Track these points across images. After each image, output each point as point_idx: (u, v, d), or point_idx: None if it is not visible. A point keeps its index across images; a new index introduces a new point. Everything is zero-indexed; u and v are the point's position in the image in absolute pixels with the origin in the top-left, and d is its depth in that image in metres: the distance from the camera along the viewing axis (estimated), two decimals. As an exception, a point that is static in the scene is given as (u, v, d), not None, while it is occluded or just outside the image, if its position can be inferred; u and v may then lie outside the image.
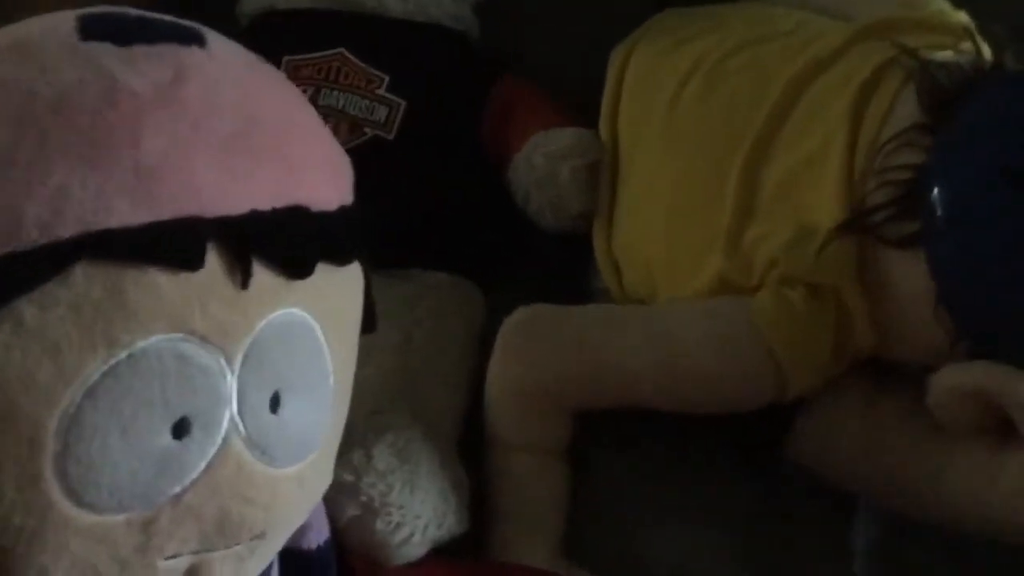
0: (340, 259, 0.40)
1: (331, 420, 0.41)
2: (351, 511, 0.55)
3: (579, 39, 0.79)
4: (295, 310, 0.37)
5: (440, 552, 0.59)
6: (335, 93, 0.72)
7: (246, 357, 0.36)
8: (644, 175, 0.69)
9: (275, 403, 0.37)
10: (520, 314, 0.64)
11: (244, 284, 0.35)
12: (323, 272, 0.38)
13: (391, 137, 0.72)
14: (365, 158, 0.68)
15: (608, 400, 0.63)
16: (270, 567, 0.45)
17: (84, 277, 0.32)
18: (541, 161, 0.71)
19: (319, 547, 0.50)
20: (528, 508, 0.63)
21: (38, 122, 0.33)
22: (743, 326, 0.59)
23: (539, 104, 0.75)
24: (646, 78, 0.71)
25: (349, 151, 0.45)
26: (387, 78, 0.73)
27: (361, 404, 0.60)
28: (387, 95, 0.72)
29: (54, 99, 0.33)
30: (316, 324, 0.38)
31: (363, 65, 0.73)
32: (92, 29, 0.36)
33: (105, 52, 0.35)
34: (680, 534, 0.63)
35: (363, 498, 0.55)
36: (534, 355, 0.63)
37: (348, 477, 0.55)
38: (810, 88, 0.64)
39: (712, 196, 0.63)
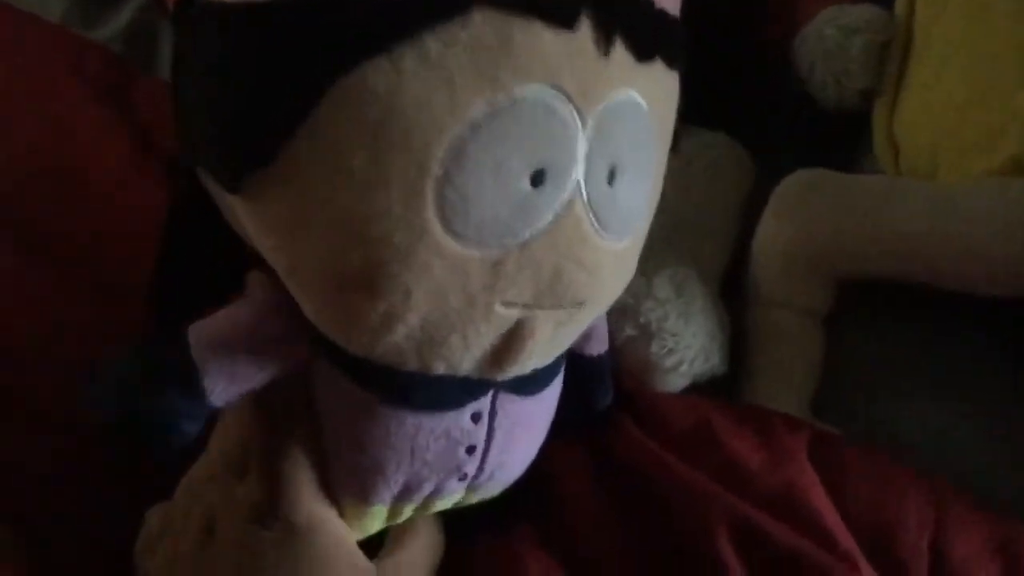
0: (671, 59, 0.43)
1: (648, 210, 0.45)
2: (629, 331, 0.58)
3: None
4: (636, 95, 0.41)
5: (698, 390, 0.63)
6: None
7: (596, 124, 0.39)
8: (941, 52, 0.68)
9: (611, 176, 0.40)
10: (800, 175, 0.65)
11: (606, 52, 0.38)
12: (658, 68, 0.42)
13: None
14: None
15: (878, 269, 0.63)
16: (559, 365, 0.49)
17: (481, 21, 0.36)
18: (832, 33, 0.70)
19: (600, 355, 0.54)
20: (783, 363, 0.65)
21: None
22: (1035, 208, 0.58)
23: (835, -23, 0.74)
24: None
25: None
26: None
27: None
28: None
29: None
30: (649, 113, 0.42)
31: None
32: None
33: None
34: (934, 409, 0.62)
35: (642, 320, 0.58)
36: (811, 216, 0.64)
37: (629, 300, 0.58)
38: None
39: (1013, 79, 0.62)
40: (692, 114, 0.71)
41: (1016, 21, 0.64)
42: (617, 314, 0.58)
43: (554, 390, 0.49)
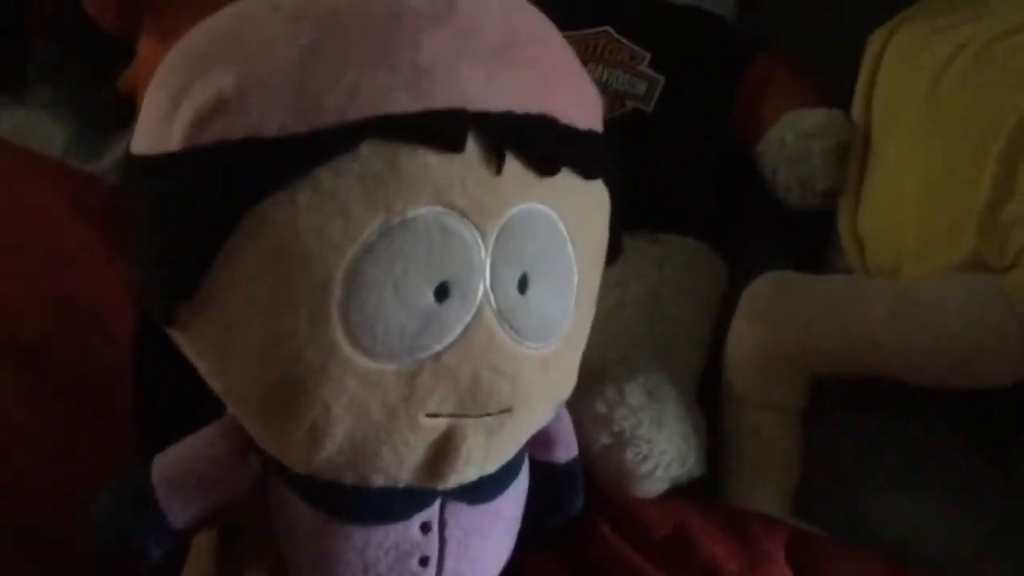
0: (583, 170, 0.45)
1: (575, 316, 0.46)
2: (603, 440, 0.59)
3: (835, 24, 0.81)
4: (541, 206, 0.43)
5: (676, 493, 0.64)
6: (599, 67, 0.77)
7: (498, 238, 0.41)
8: (898, 154, 0.70)
9: (523, 284, 0.43)
10: (768, 278, 0.67)
11: (498, 170, 0.41)
12: (568, 179, 0.44)
13: (650, 110, 0.76)
14: (625, 129, 0.74)
15: (850, 368, 0.65)
16: (519, 471, 0.50)
17: (369, 152, 0.39)
18: (792, 139, 0.73)
19: (567, 462, 0.55)
20: (761, 461, 0.66)
21: (339, 29, 0.40)
22: (994, 301, 0.60)
23: (793, 84, 0.77)
24: (905, 60, 0.72)
25: (611, 122, 0.50)
26: (649, 55, 0.77)
27: (613, 350, 0.65)
28: (648, 71, 0.77)
29: (350, 12, 0.41)
30: (560, 222, 0.44)
31: (627, 42, 0.78)
32: None
33: None
34: (911, 506, 0.63)
35: (615, 428, 0.59)
36: (779, 318, 0.66)
37: (602, 409, 0.60)
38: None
39: (971, 174, 0.64)
40: (662, 221, 0.75)
41: (970, 119, 0.67)
42: (590, 423, 0.60)
43: (512, 499, 0.50)
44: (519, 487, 0.50)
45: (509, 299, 0.42)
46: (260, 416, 0.43)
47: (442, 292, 0.41)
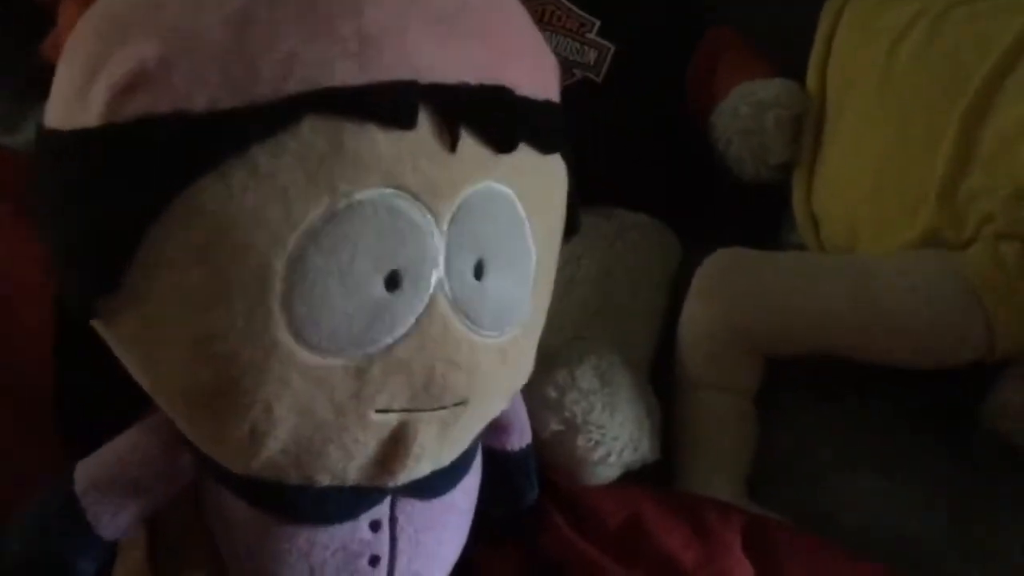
0: (541, 144, 0.42)
1: (533, 301, 0.44)
2: (554, 426, 0.57)
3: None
4: (498, 185, 0.40)
5: (630, 478, 0.62)
6: (547, 34, 0.73)
7: (452, 220, 0.38)
8: (853, 126, 0.69)
9: (479, 271, 0.40)
10: (719, 256, 0.65)
11: (452, 147, 0.38)
12: (526, 154, 0.41)
13: (599, 80, 0.74)
14: (574, 99, 0.71)
15: (803, 346, 0.63)
16: (473, 462, 0.48)
17: (310, 130, 0.36)
18: (746, 110, 0.71)
19: (521, 449, 0.53)
20: (715, 444, 0.64)
21: None
22: (952, 278, 0.59)
23: (746, 55, 0.76)
24: (860, 31, 0.70)
25: (560, 92, 0.47)
26: (598, 23, 0.75)
27: (563, 331, 0.63)
28: (597, 39, 0.74)
29: None
30: (518, 201, 0.41)
31: (576, 9, 0.75)
32: None
33: None
34: (869, 484, 0.62)
35: (566, 414, 0.57)
36: (732, 296, 0.64)
37: (553, 393, 0.58)
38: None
39: (928, 147, 0.62)
40: (613, 195, 0.72)
41: (927, 89, 0.65)
42: (541, 408, 0.57)
43: (465, 491, 0.48)
44: (472, 478, 0.48)
45: (465, 286, 0.39)
46: (193, 416, 0.40)
47: (392, 281, 0.37)
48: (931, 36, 0.66)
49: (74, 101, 0.37)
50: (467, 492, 0.48)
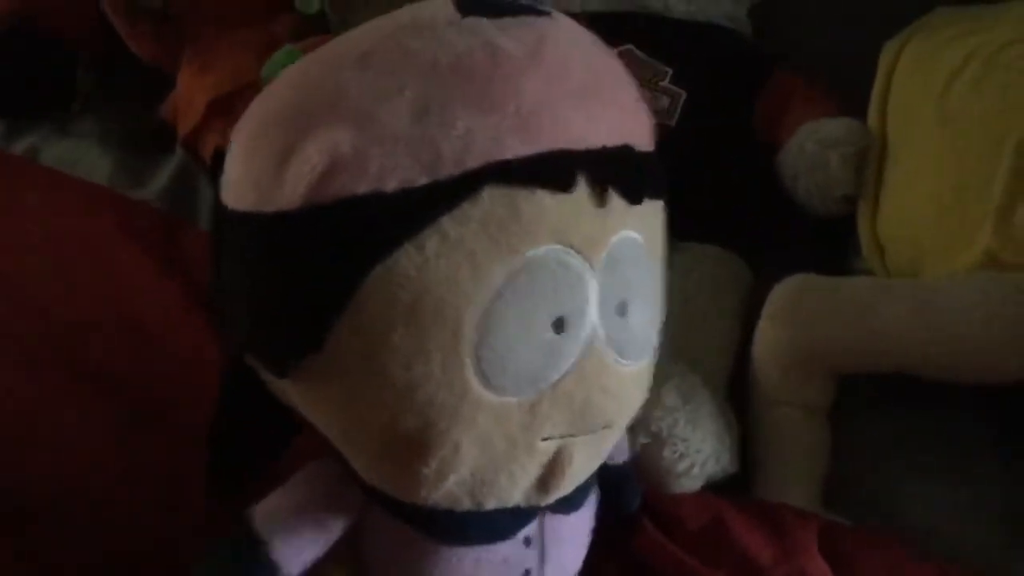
0: (658, 192, 0.47)
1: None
2: (642, 439, 0.63)
3: (848, 37, 0.85)
4: (632, 233, 0.45)
5: (711, 489, 0.66)
6: (625, 85, 0.80)
7: (603, 268, 0.44)
8: (914, 158, 0.73)
9: (622, 309, 0.45)
10: (792, 281, 0.70)
11: (602, 203, 0.43)
12: (648, 202, 0.46)
13: (672, 124, 0.80)
14: (652, 143, 0.75)
15: (871, 365, 0.68)
16: (593, 479, 0.52)
17: (489, 199, 0.41)
18: (812, 148, 0.76)
19: (625, 463, 0.58)
20: (790, 457, 0.68)
21: (441, 79, 0.41)
22: (1014, 297, 0.62)
23: (811, 96, 0.81)
24: (918, 70, 0.75)
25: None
26: (670, 72, 0.81)
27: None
28: (670, 86, 0.80)
29: (449, 61, 0.41)
30: (643, 244, 0.46)
31: (649, 60, 0.81)
32: (468, 7, 0.43)
33: (482, 24, 0.43)
34: (937, 495, 0.66)
35: (653, 428, 0.63)
36: (803, 320, 0.68)
37: (639, 410, 0.63)
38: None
39: (984, 175, 0.67)
40: (686, 230, 0.77)
41: (981, 123, 0.70)
42: (630, 425, 0.62)
43: (591, 504, 0.52)
44: (595, 491, 0.53)
45: (613, 324, 0.44)
46: (383, 458, 0.43)
47: (559, 325, 0.42)
48: (985, 71, 0.71)
49: (266, 185, 0.41)
50: (592, 506, 0.53)
